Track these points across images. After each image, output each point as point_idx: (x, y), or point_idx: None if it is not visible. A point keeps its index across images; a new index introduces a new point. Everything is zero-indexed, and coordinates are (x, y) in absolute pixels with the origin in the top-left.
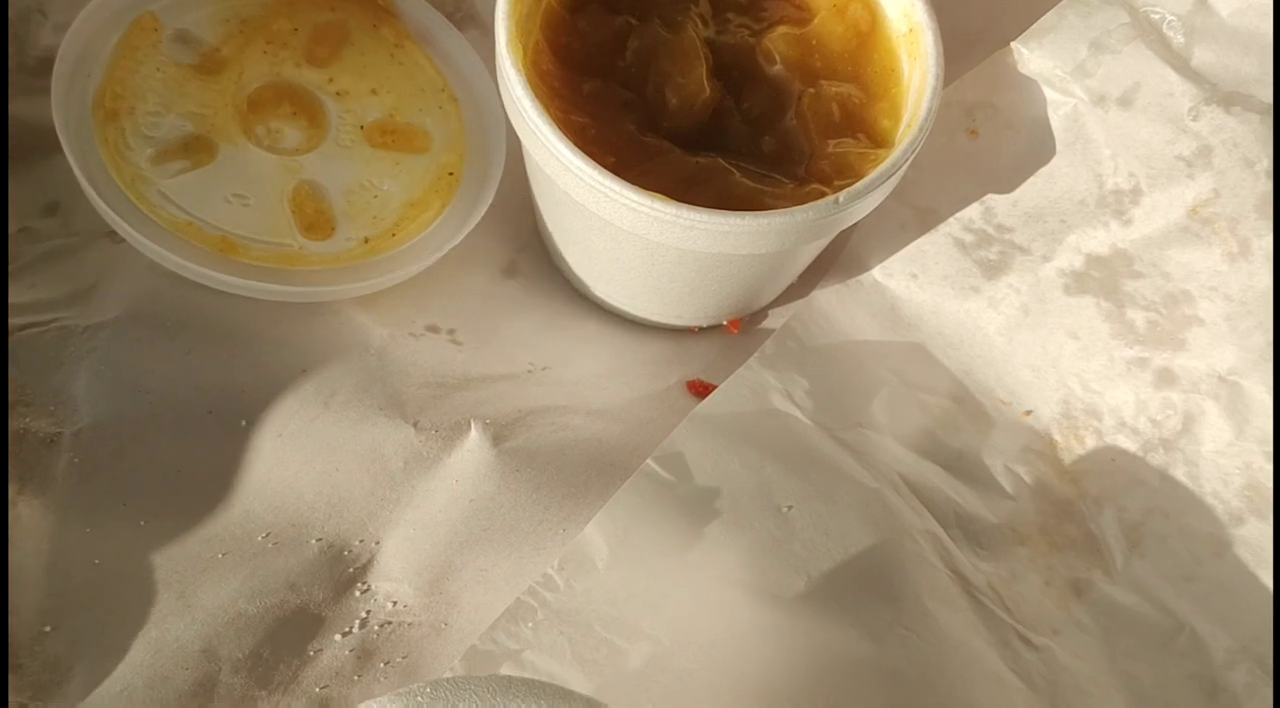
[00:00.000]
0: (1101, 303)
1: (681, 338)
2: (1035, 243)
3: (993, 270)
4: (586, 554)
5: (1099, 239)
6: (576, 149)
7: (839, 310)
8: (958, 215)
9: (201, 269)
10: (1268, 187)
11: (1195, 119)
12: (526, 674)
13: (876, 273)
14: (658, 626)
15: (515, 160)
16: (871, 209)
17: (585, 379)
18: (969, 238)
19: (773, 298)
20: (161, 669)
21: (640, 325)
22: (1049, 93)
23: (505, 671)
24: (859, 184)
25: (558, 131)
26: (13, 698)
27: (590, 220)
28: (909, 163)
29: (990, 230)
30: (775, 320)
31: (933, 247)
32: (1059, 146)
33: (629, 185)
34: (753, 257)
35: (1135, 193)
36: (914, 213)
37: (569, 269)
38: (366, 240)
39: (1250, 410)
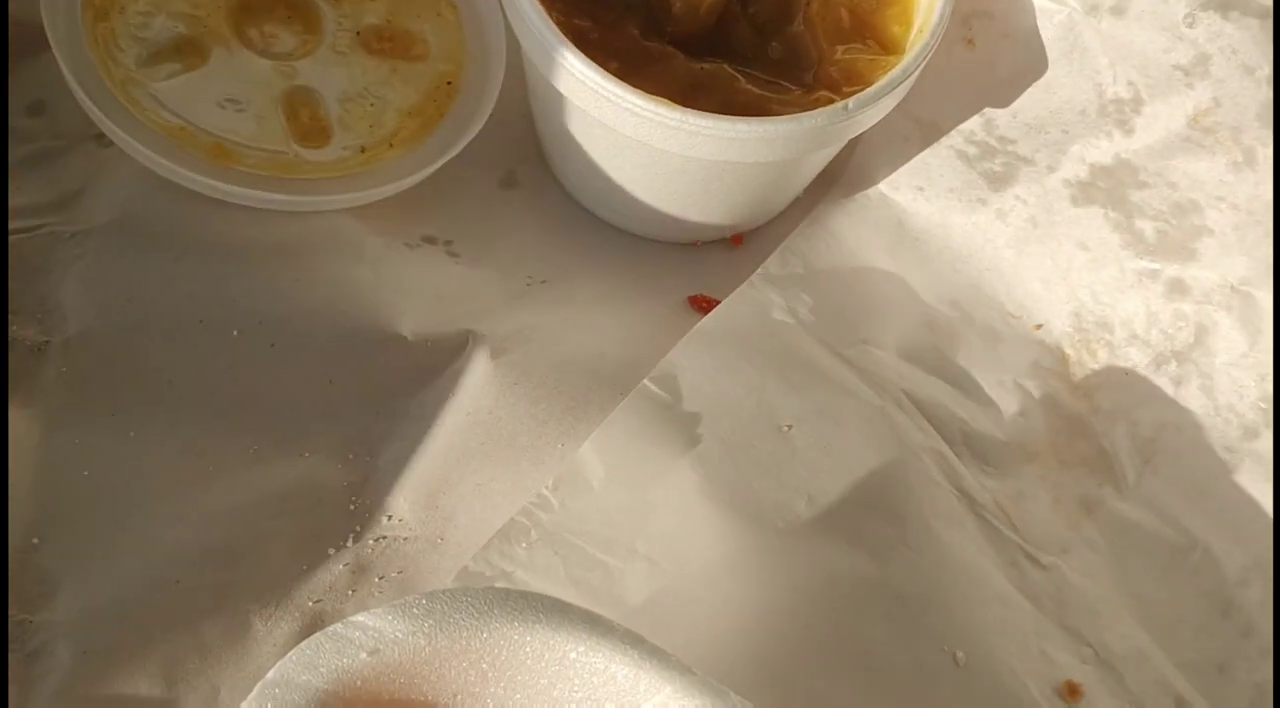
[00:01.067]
0: (1110, 213)
1: (683, 253)
2: (1039, 154)
3: (998, 182)
4: (582, 474)
5: (1102, 149)
6: (579, 52)
7: (844, 225)
8: (959, 128)
9: (194, 176)
10: (1269, 94)
11: (1191, 26)
12: None
13: (883, 187)
14: (654, 547)
15: (514, 71)
16: (881, 117)
17: (585, 294)
18: (972, 150)
19: (777, 212)
20: (152, 581)
21: (642, 240)
22: (1042, 1)
23: None
24: (868, 91)
25: (560, 35)
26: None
27: (592, 127)
28: (919, 70)
29: (992, 142)
30: (778, 234)
31: (937, 159)
32: (1055, 56)
33: (632, 89)
34: (758, 165)
35: (1135, 102)
36: (917, 126)
37: (569, 181)
38: (363, 149)
39: (1263, 320)
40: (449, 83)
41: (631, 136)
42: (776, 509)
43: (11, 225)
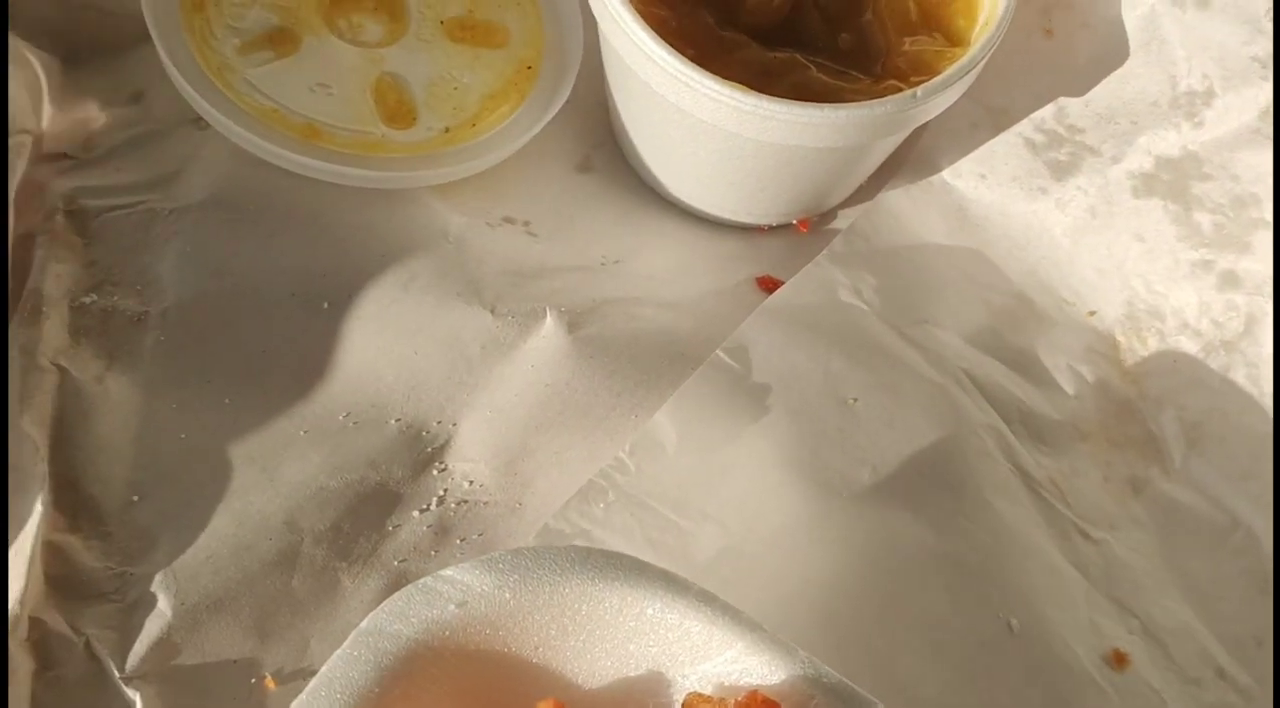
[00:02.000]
0: (1169, 205)
1: (752, 236)
2: (1105, 144)
3: (1062, 171)
4: (656, 440)
5: (1170, 141)
6: (659, 38)
7: (908, 210)
8: (1030, 116)
9: (286, 153)
10: None
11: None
12: None
13: (946, 174)
14: (724, 511)
15: (590, 58)
16: (947, 106)
17: (657, 273)
18: (1040, 138)
19: (843, 197)
20: (245, 539)
21: (711, 223)
22: None
23: None
24: (936, 79)
25: (641, 21)
26: (103, 563)
27: (669, 112)
28: (985, 61)
29: (1061, 131)
30: (844, 221)
31: (1003, 147)
32: (1134, 47)
33: (710, 75)
34: (828, 151)
35: (1208, 94)
36: (986, 112)
37: (643, 165)
38: (447, 130)
39: None
40: (529, 68)
41: (707, 121)
42: (841, 478)
43: (110, 202)
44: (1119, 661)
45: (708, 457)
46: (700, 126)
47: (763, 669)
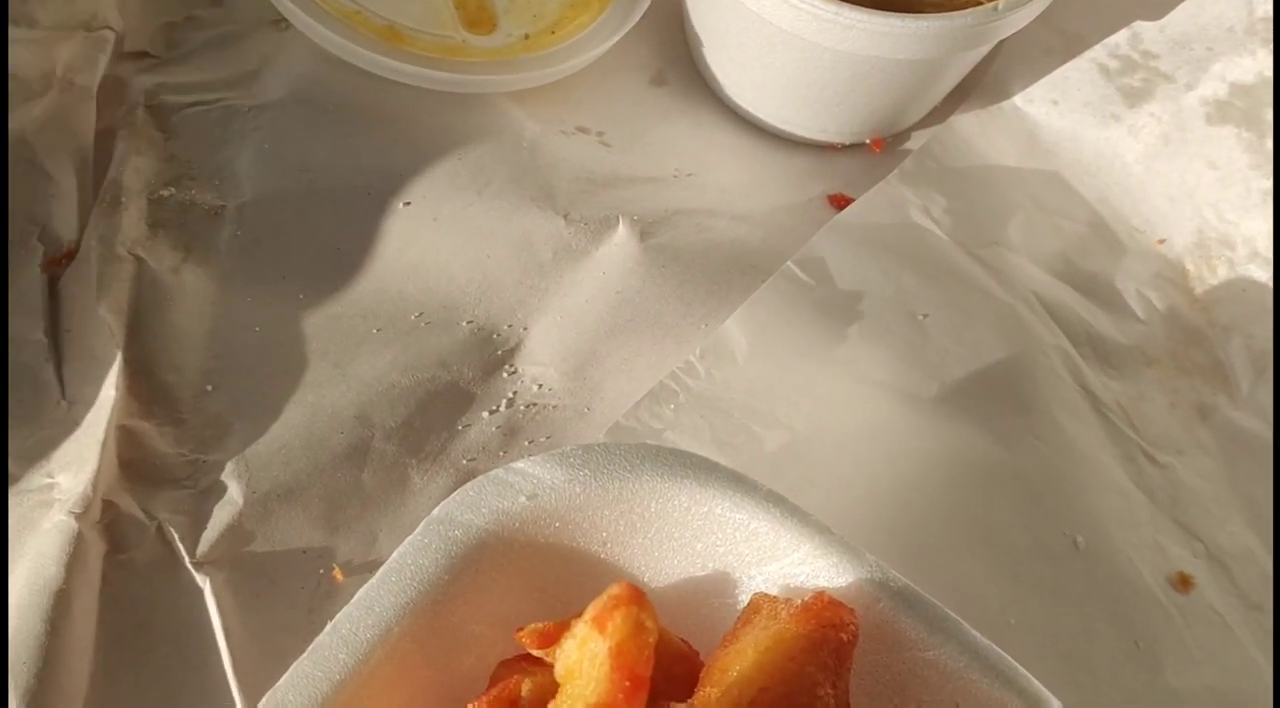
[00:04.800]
0: (1243, 133)
1: (824, 154)
2: (1180, 70)
3: (1135, 98)
4: (727, 346)
5: (1244, 67)
6: None
7: (978, 135)
8: (1104, 41)
9: (367, 54)
10: None
11: None
12: None
13: (1018, 99)
14: (794, 417)
15: None
16: (1027, 21)
17: (729, 186)
18: (1114, 64)
19: (917, 118)
20: (318, 432)
21: (784, 140)
22: None
23: None
24: None
25: None
26: (176, 450)
27: (747, 21)
28: None
29: (1136, 56)
30: (917, 143)
31: (1076, 73)
32: None
33: None
34: (906, 64)
35: None
36: (1060, 37)
37: (717, 80)
38: (526, 37)
39: None
40: None
41: (787, 29)
42: (910, 390)
43: (190, 99)
44: (1183, 583)
45: (777, 364)
46: (779, 36)
47: (830, 572)
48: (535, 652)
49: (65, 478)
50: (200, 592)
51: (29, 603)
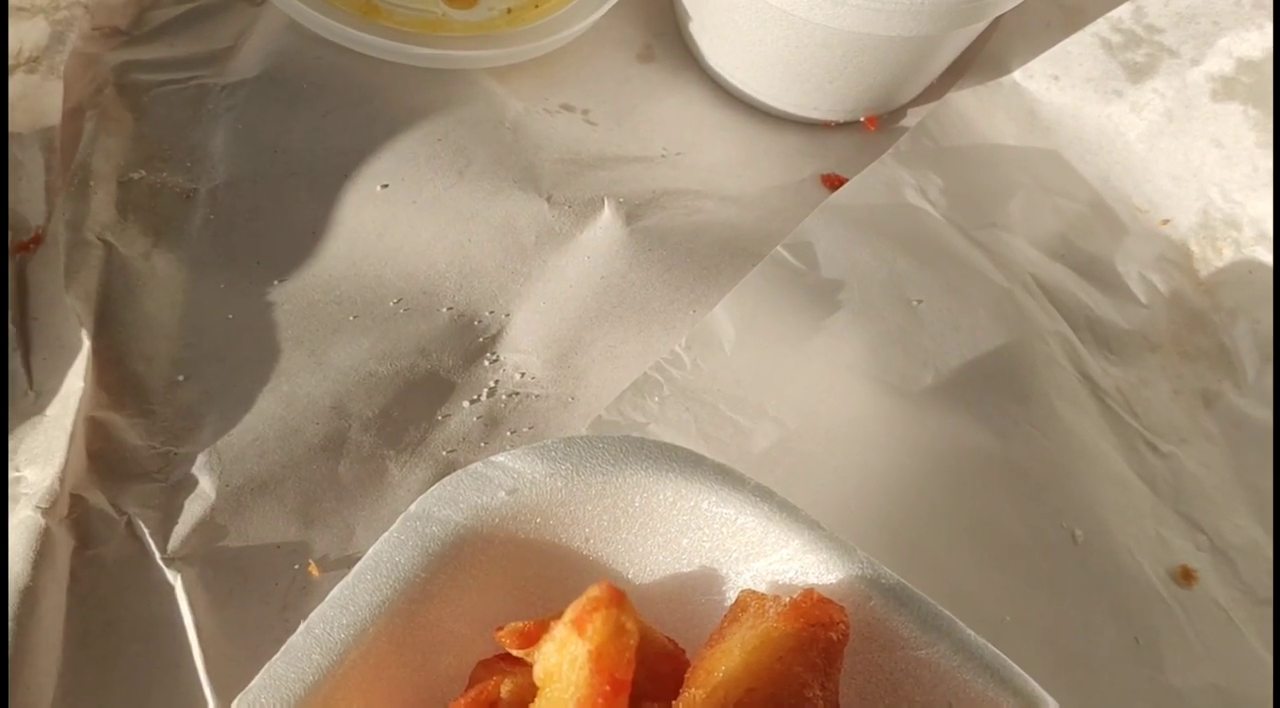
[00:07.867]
0: (1249, 110)
1: (817, 132)
2: (1185, 45)
3: (1138, 74)
4: (714, 335)
5: (1251, 42)
6: None
7: (976, 111)
8: (1107, 15)
9: (344, 29)
10: None
11: None
12: None
13: (1017, 75)
14: (783, 408)
15: None
16: None
17: (718, 166)
18: (1117, 38)
19: (912, 95)
20: (292, 422)
21: (776, 118)
22: None
23: None
24: None
25: None
26: (146, 442)
27: None
28: None
29: (1139, 31)
30: (912, 120)
31: (1078, 47)
32: None
33: None
34: (900, 41)
35: None
36: (1060, 10)
37: (705, 57)
38: (509, 11)
39: None
40: None
41: (777, 6)
42: (904, 379)
43: (162, 77)
44: (1186, 577)
45: (766, 353)
46: (769, 12)
47: (819, 568)
48: (515, 652)
49: (32, 472)
50: (171, 589)
51: None
